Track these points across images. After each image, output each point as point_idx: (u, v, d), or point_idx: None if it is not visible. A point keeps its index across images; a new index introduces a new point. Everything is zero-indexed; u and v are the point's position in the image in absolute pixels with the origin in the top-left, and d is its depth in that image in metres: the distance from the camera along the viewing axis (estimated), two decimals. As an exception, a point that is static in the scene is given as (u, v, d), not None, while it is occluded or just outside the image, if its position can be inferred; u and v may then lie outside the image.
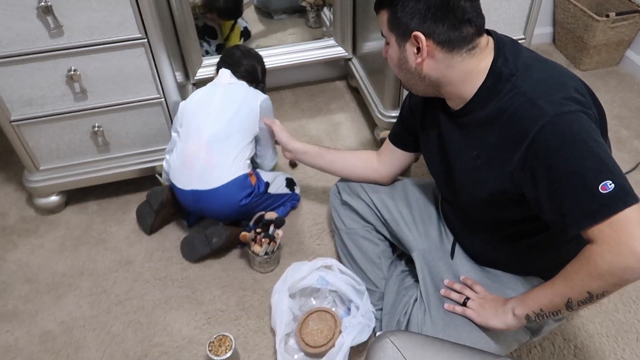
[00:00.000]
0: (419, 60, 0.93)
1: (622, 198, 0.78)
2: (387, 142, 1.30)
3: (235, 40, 2.03)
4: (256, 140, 1.48)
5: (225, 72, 1.50)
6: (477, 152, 0.97)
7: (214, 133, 1.38)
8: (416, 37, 0.91)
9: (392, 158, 1.30)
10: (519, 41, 1.60)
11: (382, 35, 0.99)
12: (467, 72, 0.93)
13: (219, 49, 1.98)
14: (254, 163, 1.54)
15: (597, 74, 2.20)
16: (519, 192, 0.91)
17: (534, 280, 1.09)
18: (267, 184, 1.50)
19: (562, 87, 0.87)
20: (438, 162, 1.11)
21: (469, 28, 0.90)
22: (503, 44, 0.94)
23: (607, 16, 2.02)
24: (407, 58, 0.95)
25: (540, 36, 2.33)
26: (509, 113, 0.89)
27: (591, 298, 0.84)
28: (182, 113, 1.44)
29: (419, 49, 0.92)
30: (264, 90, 1.55)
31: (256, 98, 1.46)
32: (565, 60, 2.28)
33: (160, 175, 1.59)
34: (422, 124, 1.14)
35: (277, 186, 1.54)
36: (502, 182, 0.92)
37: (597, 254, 0.80)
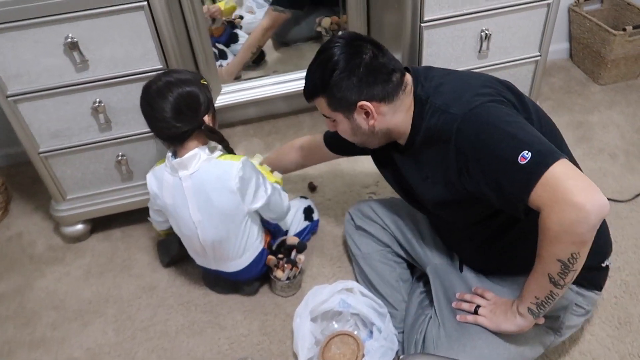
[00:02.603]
0: (371, 122, 1.03)
1: (541, 161, 0.83)
2: (320, 141, 1.41)
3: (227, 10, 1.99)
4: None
5: (170, 160, 1.23)
6: (425, 174, 1.05)
7: (210, 240, 1.29)
8: (362, 106, 1.00)
9: (322, 154, 1.44)
10: (534, 59, 1.62)
11: (325, 115, 1.08)
12: (406, 109, 1.02)
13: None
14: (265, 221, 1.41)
15: (616, 88, 2.18)
16: (469, 192, 0.96)
17: None
18: (286, 233, 1.49)
19: (468, 87, 0.97)
20: (399, 188, 1.21)
21: (396, 75, 1.02)
22: (418, 73, 1.04)
23: (624, 30, 2.01)
24: (359, 125, 1.05)
25: (556, 52, 2.32)
26: (433, 130, 0.99)
27: (566, 266, 0.85)
28: (159, 206, 1.33)
29: (367, 114, 1.01)
30: (215, 134, 1.23)
31: (229, 181, 1.20)
32: (584, 75, 2.26)
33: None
34: (377, 161, 1.24)
35: (296, 225, 1.53)
36: (453, 190, 0.99)
37: (546, 218, 0.83)
